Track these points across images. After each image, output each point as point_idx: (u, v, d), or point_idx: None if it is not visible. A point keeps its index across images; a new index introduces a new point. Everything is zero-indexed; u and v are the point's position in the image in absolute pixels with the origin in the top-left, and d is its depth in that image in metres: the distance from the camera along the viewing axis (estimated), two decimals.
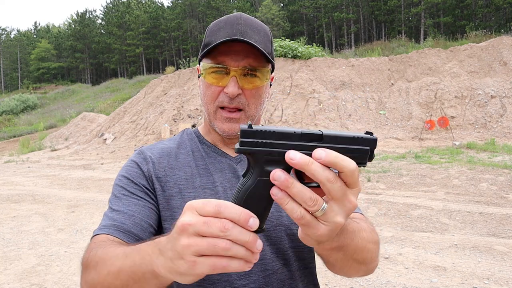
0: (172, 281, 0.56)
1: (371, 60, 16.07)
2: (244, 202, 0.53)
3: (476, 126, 12.17)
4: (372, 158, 0.54)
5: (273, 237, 0.88)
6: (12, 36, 71.06)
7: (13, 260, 4.61)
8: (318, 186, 0.52)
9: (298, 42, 17.91)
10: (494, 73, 13.68)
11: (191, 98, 16.52)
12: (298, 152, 0.50)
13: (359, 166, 0.52)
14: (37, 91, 48.37)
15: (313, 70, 15.75)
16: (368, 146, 0.54)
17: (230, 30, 0.86)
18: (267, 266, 0.87)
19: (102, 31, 61.78)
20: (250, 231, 0.49)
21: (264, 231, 0.58)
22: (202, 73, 0.91)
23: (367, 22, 45.20)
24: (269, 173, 0.51)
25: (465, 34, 25.90)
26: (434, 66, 14.83)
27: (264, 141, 0.52)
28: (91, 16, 65.76)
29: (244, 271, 0.85)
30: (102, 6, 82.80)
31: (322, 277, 3.62)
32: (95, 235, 0.80)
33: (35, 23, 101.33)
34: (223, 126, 0.90)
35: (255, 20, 0.91)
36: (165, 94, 18.48)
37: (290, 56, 16.73)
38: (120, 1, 60.69)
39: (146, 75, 41.93)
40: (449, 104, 13.00)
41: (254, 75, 0.88)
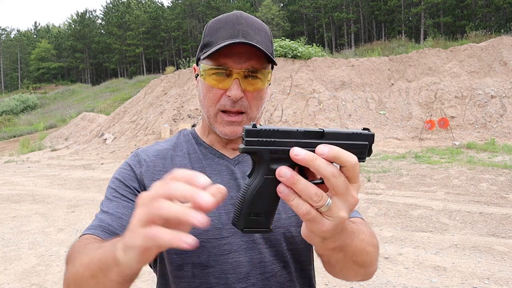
0: (134, 271, 0.54)
1: (371, 60, 16.07)
2: (251, 202, 0.54)
3: (476, 126, 12.17)
4: (371, 153, 0.57)
5: (272, 240, 0.87)
6: (12, 36, 71.08)
7: (13, 260, 4.61)
8: (321, 183, 0.54)
9: (298, 42, 17.91)
10: (494, 73, 13.68)
11: (191, 98, 16.51)
12: (302, 149, 0.51)
13: (359, 161, 0.54)
14: (37, 91, 48.38)
15: (313, 70, 15.75)
16: (367, 141, 0.56)
17: (232, 31, 0.84)
18: (266, 269, 0.86)
19: (102, 31, 61.79)
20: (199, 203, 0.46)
21: (271, 231, 0.59)
22: (202, 74, 0.88)
23: (367, 22, 45.21)
24: (275, 171, 0.52)
25: (465, 34, 25.91)
26: (434, 66, 14.83)
27: (269, 140, 0.53)
28: (91, 16, 65.78)
29: (243, 274, 0.84)
30: (102, 6, 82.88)
31: (322, 277, 3.62)
32: (82, 235, 0.81)
33: (35, 23, 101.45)
34: (225, 130, 0.88)
35: (255, 19, 0.89)
36: (165, 94, 18.49)
37: (290, 56, 16.73)
38: (120, 1, 60.70)
39: (146, 75, 41.93)
40: (449, 104, 13.00)
41: (256, 77, 0.86)
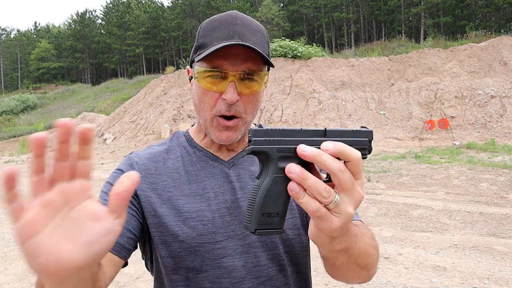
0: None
1: (371, 60, 16.07)
2: (263, 202, 0.55)
3: (476, 126, 12.17)
4: (371, 151, 0.60)
5: (268, 243, 0.86)
6: (12, 36, 71.08)
7: (13, 260, 4.61)
8: (327, 181, 0.56)
9: (298, 42, 17.91)
10: (494, 73, 13.68)
11: (191, 98, 16.54)
12: (309, 146, 0.53)
13: (362, 158, 0.57)
14: (37, 91, 48.36)
15: (313, 70, 15.75)
16: (367, 138, 0.59)
17: (227, 31, 0.82)
18: (262, 273, 0.85)
19: (102, 31, 61.79)
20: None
21: (284, 232, 0.59)
22: (196, 77, 0.85)
23: (367, 22, 45.21)
24: (284, 169, 0.54)
25: (465, 34, 25.90)
26: (434, 66, 14.83)
27: (275, 139, 0.55)
28: (91, 16, 65.78)
29: (238, 279, 0.83)
30: (102, 6, 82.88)
31: (322, 277, 3.62)
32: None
33: (35, 23, 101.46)
34: (221, 135, 0.87)
35: (251, 20, 0.87)
36: (165, 94, 18.49)
37: (290, 56, 16.74)
38: (120, 1, 60.70)
39: (146, 75, 41.91)
40: (449, 104, 13.00)
41: (252, 79, 0.83)
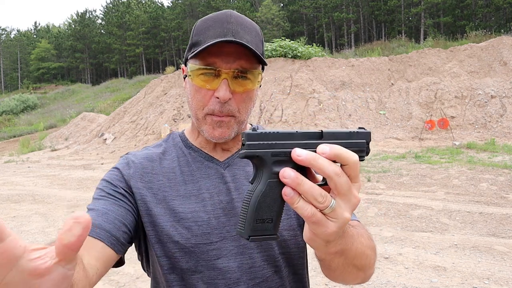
0: None
1: (371, 60, 16.07)
2: (257, 208, 0.53)
3: (476, 126, 12.17)
4: (369, 152, 0.58)
5: (264, 244, 0.85)
6: (12, 36, 71.07)
7: None
8: (323, 184, 0.54)
9: (298, 42, 17.91)
10: (494, 73, 13.68)
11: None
12: (304, 149, 0.51)
13: (359, 160, 0.54)
14: (37, 91, 48.36)
15: (313, 70, 15.75)
16: (364, 139, 0.57)
17: (221, 29, 0.81)
18: (257, 274, 0.84)
19: (102, 31, 61.77)
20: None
21: (278, 238, 0.57)
22: (190, 75, 0.85)
23: (367, 22, 45.21)
24: (278, 174, 0.51)
25: (465, 34, 25.90)
26: (434, 66, 14.83)
27: (269, 143, 0.53)
28: (91, 16, 65.77)
29: (233, 280, 0.82)
30: (102, 6, 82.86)
31: (322, 277, 3.62)
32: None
33: (35, 23, 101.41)
34: (214, 133, 0.86)
35: (246, 19, 0.86)
36: (165, 94, 18.49)
37: (290, 56, 16.73)
38: (120, 1, 60.68)
39: (146, 75, 41.91)
40: (449, 104, 13.00)
41: (245, 78, 0.83)
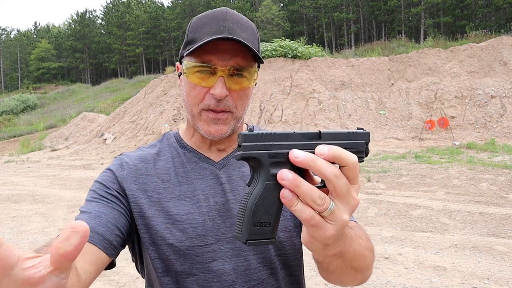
0: None
1: (371, 60, 16.07)
2: (254, 211, 0.51)
3: (476, 126, 12.17)
4: (368, 153, 0.56)
5: (259, 246, 0.85)
6: (12, 36, 71.08)
7: None
8: (321, 186, 0.52)
9: (298, 42, 17.91)
10: (494, 73, 13.68)
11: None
12: (302, 151, 0.50)
13: (359, 161, 0.53)
14: (37, 91, 48.35)
15: (313, 70, 15.75)
16: (363, 140, 0.56)
17: (217, 27, 0.80)
18: (252, 277, 0.83)
19: (102, 31, 61.77)
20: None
21: (277, 242, 0.56)
22: (185, 72, 0.85)
23: (367, 22, 45.20)
24: (276, 176, 0.50)
25: (465, 34, 25.89)
26: (434, 66, 14.83)
27: (266, 144, 0.51)
28: (91, 16, 65.76)
29: (228, 283, 0.81)
30: (102, 6, 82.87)
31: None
32: (57, 236, 0.77)
33: (35, 23, 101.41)
34: (210, 129, 0.85)
35: (242, 17, 0.86)
36: (165, 94, 18.48)
37: (290, 56, 16.73)
38: (120, 1, 60.68)
39: (146, 75, 41.93)
40: (449, 104, 13.00)
41: (242, 75, 0.82)
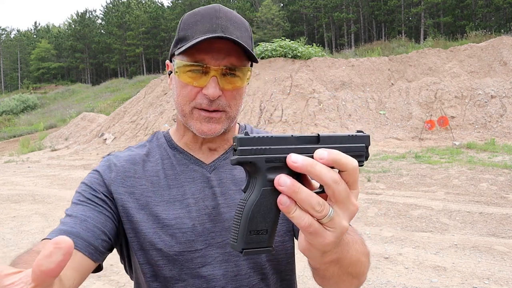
0: None
1: (371, 60, 16.07)
2: (251, 219, 0.49)
3: (476, 126, 12.17)
4: (368, 157, 0.55)
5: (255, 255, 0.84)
6: (12, 36, 71.10)
7: None
8: (319, 191, 0.51)
9: (298, 42, 17.91)
10: (494, 73, 13.68)
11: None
12: (300, 155, 0.47)
13: (359, 165, 0.52)
14: (37, 91, 48.36)
15: (313, 70, 15.75)
16: (363, 143, 0.54)
17: (209, 25, 0.78)
18: (243, 282, 0.82)
19: (102, 31, 61.78)
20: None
21: (274, 251, 0.53)
22: (176, 71, 0.82)
23: (367, 22, 45.21)
24: (273, 181, 0.48)
25: (465, 34, 25.90)
26: (434, 66, 14.83)
27: (263, 148, 0.49)
28: (91, 16, 65.77)
29: None
30: (102, 6, 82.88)
31: None
32: (43, 239, 0.75)
33: (35, 23, 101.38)
34: (203, 127, 0.83)
35: (235, 14, 0.84)
36: (165, 94, 18.48)
37: (290, 56, 16.73)
38: (120, 1, 60.69)
39: (146, 75, 41.90)
40: (449, 104, 13.00)
41: (235, 75, 0.80)
